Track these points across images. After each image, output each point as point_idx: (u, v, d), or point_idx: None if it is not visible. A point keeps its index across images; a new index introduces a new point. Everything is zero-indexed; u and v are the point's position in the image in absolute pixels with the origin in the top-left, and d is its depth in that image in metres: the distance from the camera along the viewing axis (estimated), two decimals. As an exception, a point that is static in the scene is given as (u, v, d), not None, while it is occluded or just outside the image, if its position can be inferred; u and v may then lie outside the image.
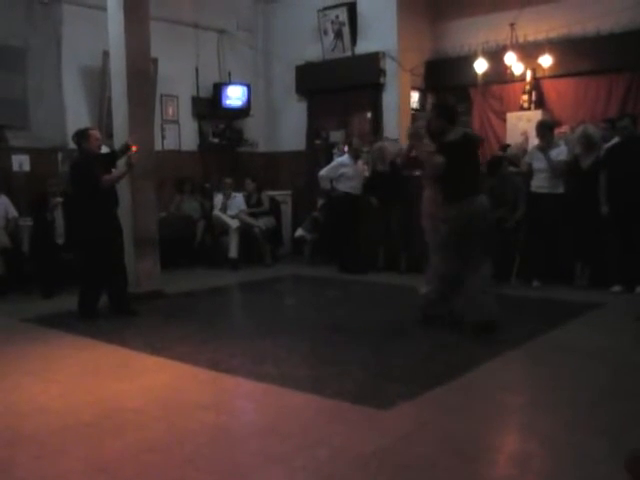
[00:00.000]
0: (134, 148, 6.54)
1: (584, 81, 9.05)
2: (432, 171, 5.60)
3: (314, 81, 10.78)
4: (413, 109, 10.45)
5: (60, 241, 7.76)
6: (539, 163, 7.50)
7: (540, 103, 9.33)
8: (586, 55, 8.80)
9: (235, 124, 11.15)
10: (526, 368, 4.65)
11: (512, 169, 7.94)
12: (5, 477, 3.12)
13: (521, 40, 9.32)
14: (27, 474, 3.14)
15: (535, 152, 7.69)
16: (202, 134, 10.78)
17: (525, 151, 8.30)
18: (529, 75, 9.31)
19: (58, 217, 7.78)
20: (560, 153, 7.43)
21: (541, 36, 9.18)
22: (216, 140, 10.85)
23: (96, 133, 6.56)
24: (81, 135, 6.53)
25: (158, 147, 8.83)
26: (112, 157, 6.65)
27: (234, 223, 9.59)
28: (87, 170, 6.34)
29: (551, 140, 7.50)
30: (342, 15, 10.24)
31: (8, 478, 3.10)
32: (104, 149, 7.12)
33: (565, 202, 7.32)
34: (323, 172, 9.25)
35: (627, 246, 7.02)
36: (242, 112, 10.96)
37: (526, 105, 9.39)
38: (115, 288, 6.49)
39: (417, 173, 7.19)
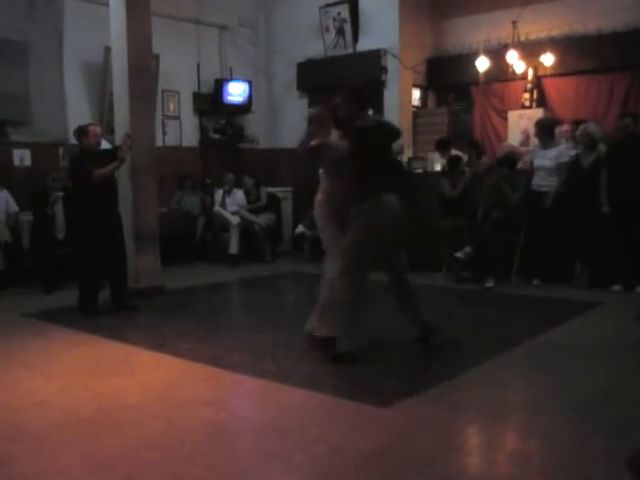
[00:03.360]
0: (127, 139, 6.51)
1: (585, 80, 9.05)
2: (333, 156, 4.69)
3: (315, 78, 10.76)
4: (414, 106, 10.45)
5: (60, 236, 7.76)
6: (539, 161, 7.51)
7: (541, 101, 9.32)
8: (588, 54, 8.80)
9: (236, 120, 11.14)
10: (526, 367, 4.65)
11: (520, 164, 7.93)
12: (4, 471, 3.12)
13: (523, 38, 9.30)
14: (26, 468, 3.14)
15: (536, 150, 7.70)
16: (203, 130, 10.77)
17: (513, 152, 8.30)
18: (531, 73, 9.30)
19: (58, 212, 7.78)
20: (561, 154, 7.42)
21: (543, 34, 9.17)
22: (217, 136, 10.84)
23: (96, 129, 6.55)
24: (81, 131, 6.54)
25: (159, 143, 8.84)
26: (114, 153, 6.63)
27: (234, 219, 9.59)
28: (81, 165, 6.35)
29: (548, 140, 7.50)
30: (344, 12, 10.23)
31: (7, 472, 3.10)
32: (105, 144, 7.11)
33: (565, 201, 7.31)
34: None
35: (627, 246, 7.02)
36: (243, 108, 10.94)
37: (527, 103, 9.39)
38: (115, 284, 6.50)
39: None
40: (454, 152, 8.75)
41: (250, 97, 10.87)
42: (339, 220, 4.83)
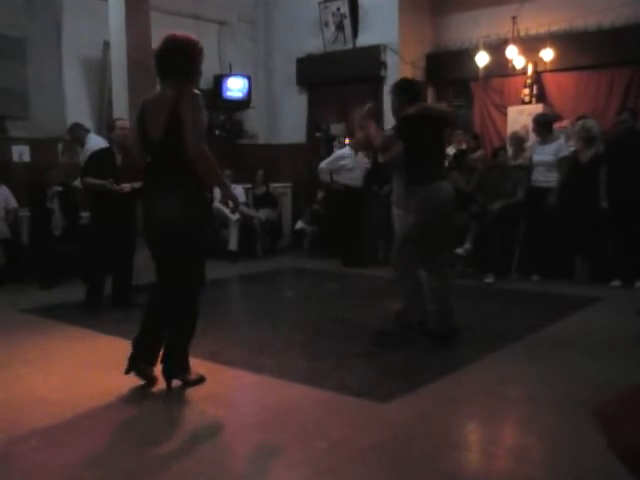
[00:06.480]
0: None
1: (585, 75, 9.02)
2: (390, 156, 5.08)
3: (315, 73, 10.75)
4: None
5: (57, 233, 7.73)
6: (538, 157, 7.51)
7: (541, 97, 9.30)
8: (587, 49, 8.77)
9: (235, 116, 11.12)
10: (525, 362, 4.64)
11: (513, 162, 7.95)
12: (4, 468, 3.12)
13: (522, 34, 9.28)
14: (27, 465, 3.14)
15: (535, 146, 7.71)
16: (202, 126, 10.73)
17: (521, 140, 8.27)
18: (530, 69, 9.27)
19: (56, 208, 7.74)
20: (560, 148, 7.43)
21: (543, 30, 9.15)
22: (216, 132, 10.81)
23: (124, 122, 6.43)
24: (108, 126, 6.53)
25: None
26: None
27: (234, 215, 9.58)
28: (87, 164, 6.37)
29: (546, 135, 7.51)
30: (343, 7, 10.20)
31: (7, 469, 3.10)
32: (102, 143, 7.08)
33: (564, 196, 7.32)
34: (323, 165, 9.25)
35: (626, 241, 7.03)
36: (242, 104, 10.92)
37: (527, 99, 9.36)
38: (119, 280, 6.47)
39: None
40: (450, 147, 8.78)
41: (249, 93, 10.85)
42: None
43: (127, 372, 4.14)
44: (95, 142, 7.80)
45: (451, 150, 8.52)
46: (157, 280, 4.17)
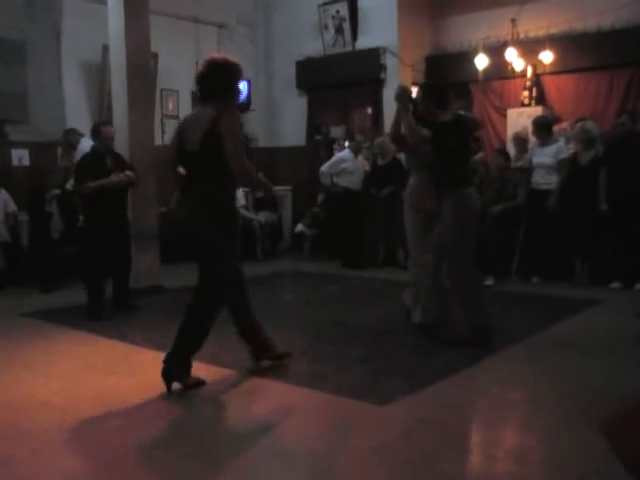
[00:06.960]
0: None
1: (585, 77, 9.03)
2: (415, 144, 5.12)
3: (314, 76, 10.76)
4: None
5: (56, 236, 7.73)
6: (538, 159, 7.52)
7: (541, 99, 9.31)
8: (587, 51, 8.78)
9: (235, 119, 11.12)
10: (526, 364, 4.65)
11: (514, 164, 7.95)
12: (4, 472, 3.11)
13: (522, 36, 9.29)
14: (26, 469, 3.14)
15: (535, 148, 7.71)
16: (202, 129, 10.73)
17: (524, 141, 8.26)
18: (530, 71, 9.28)
19: (54, 212, 7.74)
20: (560, 150, 7.44)
21: (542, 32, 9.16)
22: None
23: (110, 130, 6.44)
24: (94, 130, 6.49)
25: (158, 142, 8.81)
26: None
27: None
28: (79, 170, 6.37)
29: (546, 137, 7.52)
30: (343, 10, 10.22)
31: (7, 473, 3.10)
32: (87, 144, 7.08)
33: (564, 198, 7.32)
34: (324, 168, 9.26)
35: (626, 243, 7.03)
36: (242, 107, 10.89)
37: (527, 101, 9.37)
38: (118, 284, 6.46)
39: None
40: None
41: (249, 96, 10.84)
42: (424, 213, 5.16)
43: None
44: (87, 144, 7.78)
45: None
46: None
